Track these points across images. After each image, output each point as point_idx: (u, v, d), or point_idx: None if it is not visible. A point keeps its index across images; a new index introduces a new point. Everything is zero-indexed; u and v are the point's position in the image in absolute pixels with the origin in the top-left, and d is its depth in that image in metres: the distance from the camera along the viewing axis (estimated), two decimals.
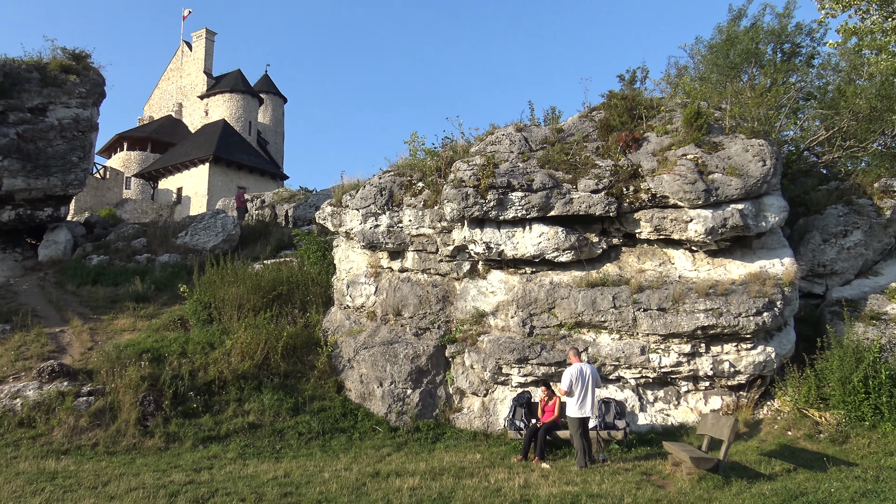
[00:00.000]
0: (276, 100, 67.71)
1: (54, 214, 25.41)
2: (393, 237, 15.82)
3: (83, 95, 25.97)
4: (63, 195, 25.45)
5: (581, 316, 13.28)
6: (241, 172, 53.86)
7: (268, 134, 65.70)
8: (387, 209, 16.05)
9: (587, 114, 16.36)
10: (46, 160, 24.50)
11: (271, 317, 16.22)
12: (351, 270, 16.97)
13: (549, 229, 13.95)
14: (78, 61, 26.65)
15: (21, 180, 23.72)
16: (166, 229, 27.46)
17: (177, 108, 64.35)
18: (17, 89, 24.43)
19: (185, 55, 65.30)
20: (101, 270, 23.20)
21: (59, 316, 18.85)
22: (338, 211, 17.08)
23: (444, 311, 15.00)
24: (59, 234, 25.95)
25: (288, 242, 25.71)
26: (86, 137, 25.99)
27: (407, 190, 16.18)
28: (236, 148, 54.77)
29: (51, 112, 25.11)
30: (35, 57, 25.88)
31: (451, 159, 15.81)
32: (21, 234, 26.29)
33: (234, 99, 60.28)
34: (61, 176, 24.74)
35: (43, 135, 24.54)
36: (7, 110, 23.80)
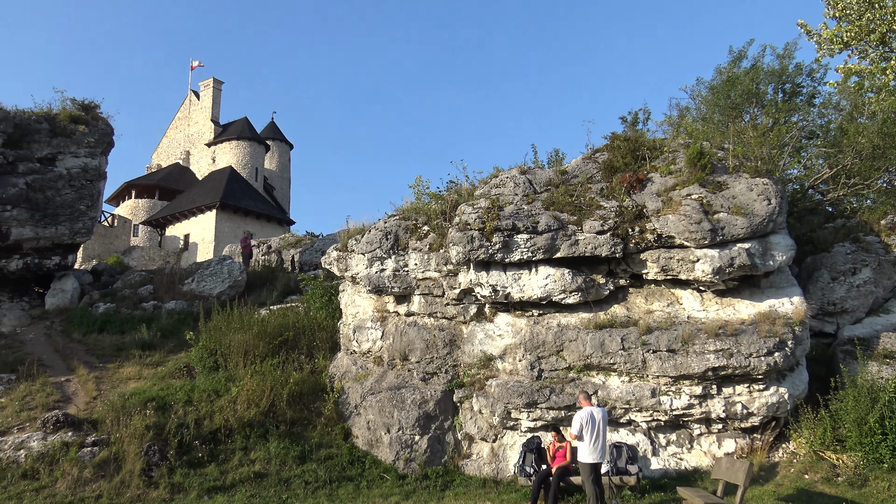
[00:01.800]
0: (282, 146, 68.46)
1: (62, 263, 25.49)
2: (399, 281, 15.77)
3: (92, 145, 26.29)
4: (71, 244, 25.57)
5: (590, 358, 13.13)
6: (248, 218, 54.19)
7: (274, 180, 66.27)
8: (392, 253, 16.04)
9: (590, 155, 16.44)
10: (55, 209, 24.68)
11: (277, 363, 16.10)
12: (357, 315, 16.89)
13: (555, 271, 13.89)
14: (87, 111, 27.05)
15: (29, 229, 23.87)
16: (173, 276, 27.48)
17: (184, 156, 65.11)
18: (27, 140, 24.75)
19: (193, 104, 66.32)
20: (108, 318, 23.16)
21: (64, 365, 18.75)
22: (343, 255, 17.08)
23: (451, 355, 14.86)
24: (67, 283, 26.00)
25: (294, 287, 25.68)
26: (94, 186, 26.23)
27: (412, 234, 16.19)
28: (243, 194, 55.21)
29: (60, 162, 25.38)
30: (45, 108, 26.28)
31: (455, 203, 15.85)
32: (28, 283, 26.35)
33: (241, 146, 61.01)
34: (69, 224, 24.89)
35: (51, 184, 24.77)
36: (17, 161, 24.08)
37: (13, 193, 23.27)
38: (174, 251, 52.83)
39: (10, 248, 23.93)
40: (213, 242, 50.84)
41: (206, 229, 52.36)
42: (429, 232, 15.96)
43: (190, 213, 53.76)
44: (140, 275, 28.22)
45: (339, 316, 18.06)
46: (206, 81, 65.76)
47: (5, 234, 23.38)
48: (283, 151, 68.52)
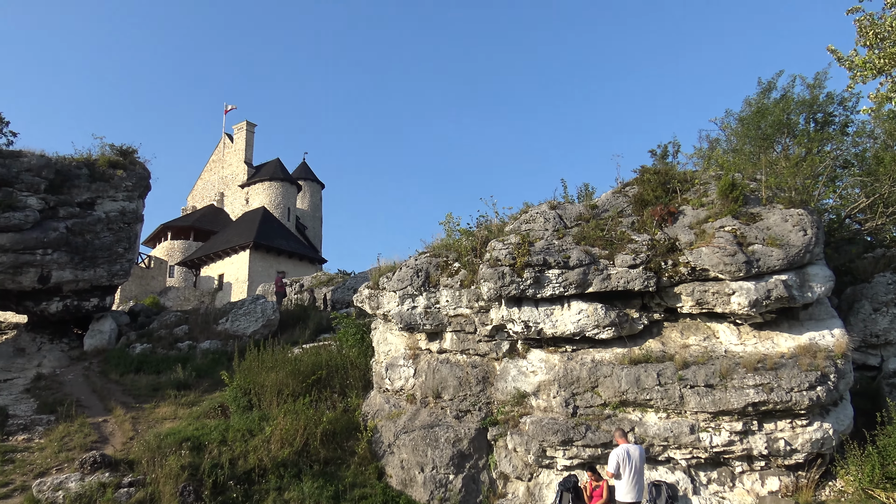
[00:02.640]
0: (313, 186, 69.42)
1: (100, 304, 25.97)
2: (430, 318, 15.76)
3: (129, 189, 26.95)
4: (109, 285, 26.08)
5: (625, 394, 12.92)
6: (281, 258, 54.79)
7: (306, 219, 67.11)
8: (423, 290, 16.07)
9: (620, 189, 16.39)
10: (94, 252, 25.25)
11: (311, 402, 16.11)
12: (389, 353, 16.88)
13: (587, 306, 13.78)
14: (125, 156, 27.80)
15: (69, 272, 24.41)
16: (207, 316, 27.82)
17: (218, 198, 66.32)
18: (68, 185, 25.47)
19: (227, 147, 67.76)
20: (144, 359, 23.46)
21: (102, 405, 18.99)
22: (375, 293, 17.15)
23: (484, 392, 14.74)
24: (105, 324, 26.44)
25: (327, 326, 25.80)
26: (131, 229, 26.82)
27: (443, 271, 16.22)
28: (275, 234, 55.93)
29: (98, 206, 26.04)
30: (84, 154, 27.07)
31: (486, 239, 15.88)
32: (68, 325, 26.86)
33: (274, 187, 62.02)
34: (107, 267, 25.42)
35: (90, 228, 25.38)
36: (58, 205, 24.76)
37: (54, 237, 23.87)
38: (209, 291, 53.53)
39: (50, 290, 24.48)
40: (246, 282, 51.44)
41: (239, 269, 53.03)
42: (459, 268, 15.98)
43: (224, 254, 54.54)
44: (175, 315, 28.61)
45: (372, 354, 18.07)
46: (239, 124, 67.23)
47: (46, 276, 23.94)
48: (314, 191, 69.46)
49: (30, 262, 23.47)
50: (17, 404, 18.88)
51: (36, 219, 23.66)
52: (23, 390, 20.49)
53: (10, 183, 23.66)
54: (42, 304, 24.83)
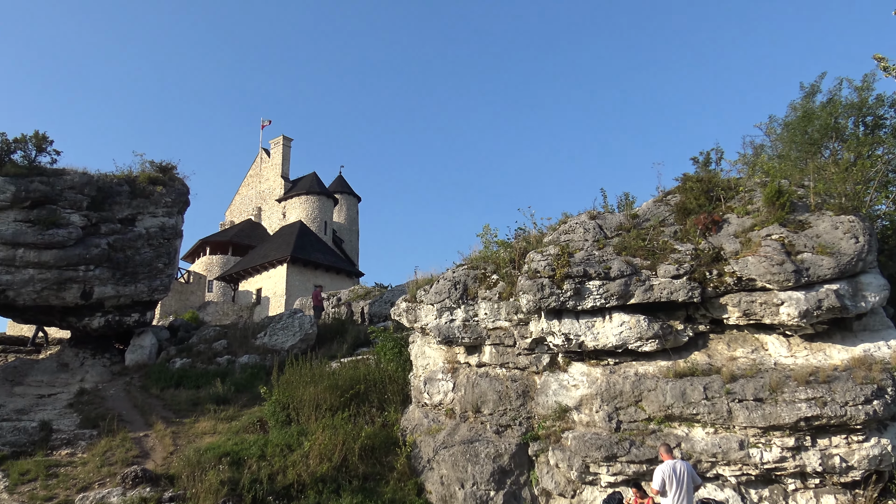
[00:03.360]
0: (350, 199, 69.97)
1: (141, 319, 26.46)
2: (469, 331, 15.69)
3: (169, 205, 27.48)
4: (149, 300, 26.57)
5: (671, 408, 12.66)
6: (318, 271, 55.24)
7: (343, 232, 67.65)
8: (461, 303, 16.01)
9: (662, 198, 16.16)
10: (134, 267, 25.77)
11: (349, 416, 16.13)
12: (427, 367, 16.84)
13: (630, 318, 13.57)
14: (164, 173, 28.39)
15: (111, 288, 24.94)
16: (246, 330, 28.14)
17: (256, 212, 67.29)
18: (109, 202, 26.08)
19: (264, 161, 68.79)
20: (184, 373, 23.80)
21: (143, 420, 19.28)
22: (412, 306, 17.14)
23: (524, 406, 14.59)
24: (145, 339, 26.90)
25: (364, 340, 25.88)
26: (171, 244, 27.32)
27: (481, 283, 16.15)
28: (312, 248, 56.45)
29: (139, 222, 26.60)
30: (125, 170, 27.73)
31: (524, 250, 15.78)
32: (109, 340, 27.41)
33: (310, 200, 62.68)
34: (148, 282, 25.91)
35: (131, 244, 25.92)
36: (99, 222, 25.35)
37: (96, 254, 24.43)
38: (247, 305, 54.19)
39: (92, 306, 25.03)
40: (284, 296, 51.96)
41: (277, 283, 53.60)
42: (498, 281, 15.89)
43: (262, 268, 55.19)
44: (214, 330, 28.99)
45: (410, 368, 18.05)
46: (275, 139, 68.23)
47: (89, 292, 24.50)
48: (351, 204, 70.01)
49: (73, 278, 24.06)
50: (61, 419, 19.29)
51: (78, 235, 24.25)
52: (66, 405, 20.93)
53: (53, 200, 24.33)
54: (84, 320, 25.39)
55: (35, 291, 23.59)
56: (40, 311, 25.03)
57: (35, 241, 23.35)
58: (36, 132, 25.57)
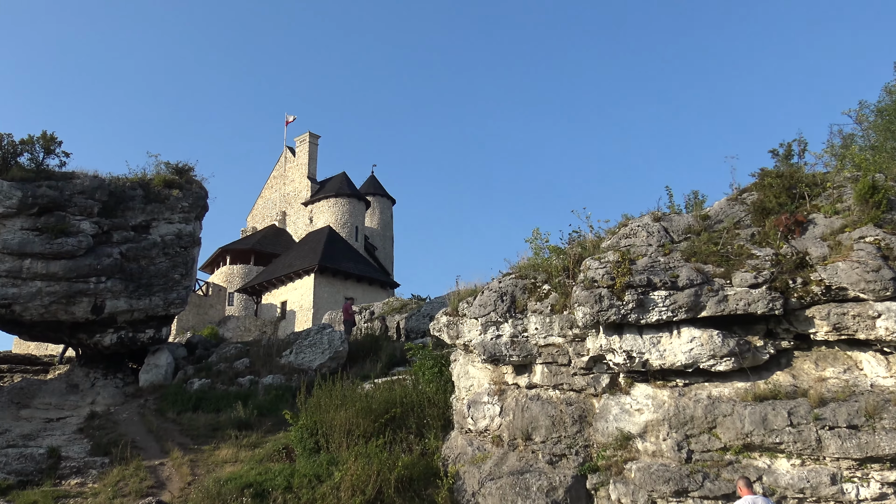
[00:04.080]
0: (383, 202, 70.45)
1: (156, 336, 26.95)
2: (517, 348, 15.59)
3: (186, 210, 27.98)
4: (165, 315, 27.05)
5: (750, 437, 12.38)
6: (348, 282, 55.64)
7: (376, 239, 68.06)
8: (509, 317, 15.93)
9: (736, 196, 15.88)
10: (149, 279, 26.28)
11: (384, 444, 16.14)
12: (471, 388, 16.78)
13: (701, 333, 13.33)
14: (181, 175, 28.93)
15: (124, 301, 25.46)
16: (270, 348, 28.45)
17: (280, 217, 68.14)
18: (122, 207, 26.68)
19: (289, 161, 69.60)
20: (203, 395, 24.14)
21: (158, 447, 19.60)
22: (454, 321, 17.11)
23: (581, 433, 14.43)
24: (161, 358, 27.39)
25: (400, 358, 25.94)
26: (188, 253, 27.80)
27: (531, 294, 16.05)
28: (342, 256, 56.90)
29: (153, 229, 27.14)
30: (139, 173, 28.34)
31: (579, 257, 15.64)
32: (122, 359, 27.97)
33: (340, 203, 63.25)
34: (163, 295, 26.39)
35: (145, 253, 26.45)
36: (111, 230, 25.93)
37: (108, 264, 24.97)
38: (271, 320, 54.85)
39: (104, 321, 25.57)
40: (311, 310, 52.48)
41: (303, 296, 54.16)
42: (550, 291, 15.78)
43: (287, 279, 55.81)
44: (235, 347, 29.38)
45: (451, 390, 18.01)
46: (301, 136, 68.98)
47: (100, 306, 25.04)
48: (384, 207, 70.47)
49: (83, 290, 24.62)
50: (71, 445, 19.71)
51: (89, 244, 24.81)
52: (76, 430, 21.40)
53: (62, 206, 24.93)
54: (96, 337, 25.96)
55: (43, 306, 24.19)
56: (48, 328, 25.66)
57: (43, 251, 23.95)
58: (44, 133, 26.29)
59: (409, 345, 22.78)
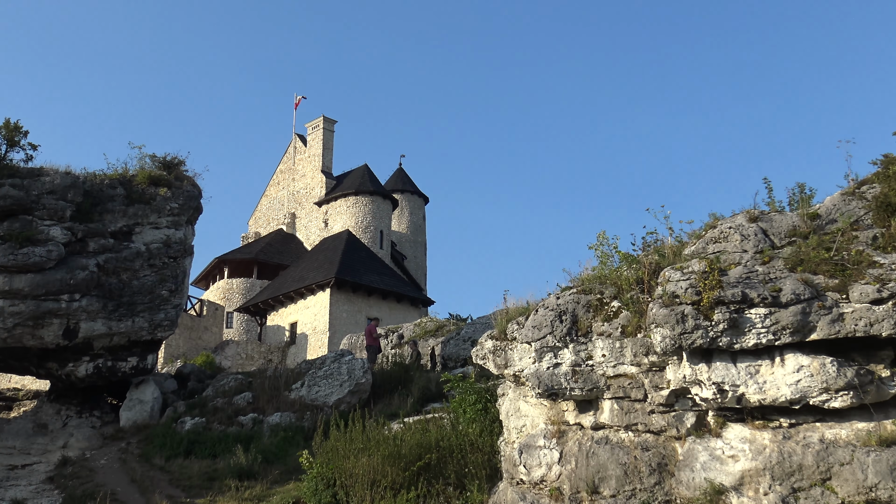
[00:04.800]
0: (414, 200, 70.69)
1: (139, 365, 27.32)
2: (580, 380, 15.52)
3: (175, 212, 28.37)
4: (151, 340, 27.42)
5: (875, 490, 12.19)
6: (372, 299, 55.86)
7: (405, 245, 68.34)
8: (570, 340, 15.87)
9: (853, 190, 15.67)
10: (131, 296, 26.65)
11: (417, 497, 16.17)
12: (524, 429, 16.75)
13: (810, 360, 13.16)
14: (169, 170, 29.34)
15: (101, 323, 25.84)
16: (277, 380, 28.67)
17: (289, 220, 68.70)
18: (99, 210, 27.09)
19: (299, 152, 70.10)
20: (196, 438, 24.39)
21: (143, 500, 19.82)
22: (502, 346, 17.09)
23: (660, 485, 14.32)
24: (146, 392, 27.76)
25: (436, 392, 25.97)
26: (178, 265, 28.16)
27: (597, 312, 15.99)
28: (364, 267, 57.11)
29: (137, 235, 27.54)
30: (119, 168, 28.76)
31: (657, 266, 15.54)
32: (100, 393, 28.39)
33: (360, 203, 63.56)
34: (149, 315, 26.76)
35: (127, 264, 26.85)
36: (87, 237, 26.31)
37: (82, 278, 25.35)
38: (278, 346, 55.32)
39: (78, 348, 25.96)
40: (326, 333, 52.78)
41: (317, 316, 54.49)
42: (620, 309, 15.70)
43: (297, 295, 56.19)
44: (235, 379, 29.67)
45: (499, 431, 17.99)
46: (314, 122, 69.37)
47: (73, 329, 25.43)
48: (415, 207, 70.72)
49: (53, 310, 25.00)
50: (38, 498, 20.03)
51: (60, 254, 25.20)
52: (45, 479, 21.73)
53: (29, 209, 25.33)
54: (68, 366, 26.38)
55: (5, 329, 24.60)
56: (11, 355, 26.12)
57: (5, 264, 24.35)
58: (7, 121, 26.78)
59: (446, 375, 22.78)
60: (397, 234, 68.22)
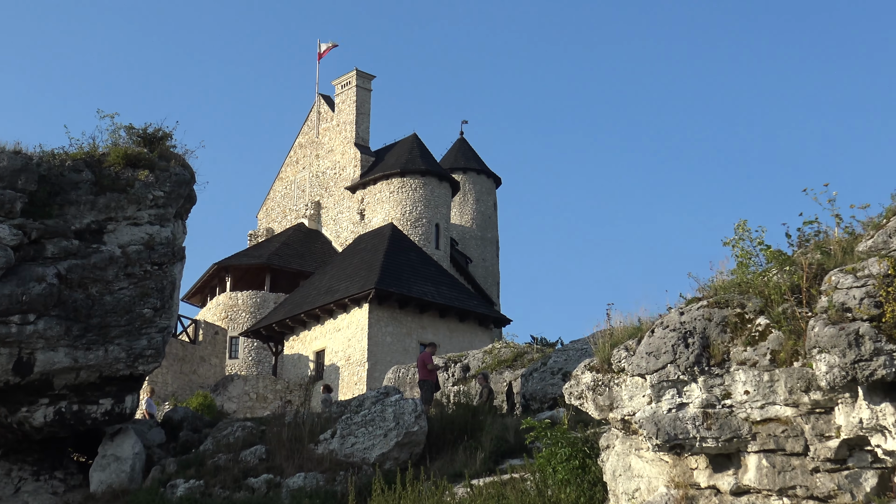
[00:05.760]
0: (481, 182, 70.52)
1: (115, 410, 27.52)
2: (715, 426, 15.42)
3: (160, 203, 28.48)
4: (129, 375, 27.57)
5: None
6: (426, 317, 55.72)
7: (470, 244, 68.21)
8: (699, 372, 15.77)
9: None
10: (103, 316, 26.80)
11: None
12: (637, 495, 16.69)
13: None
14: (151, 146, 29.35)
15: (64, 353, 26.03)
16: (299, 428, 28.73)
17: (312, 212, 68.84)
18: (59, 201, 27.25)
19: (324, 119, 70.13)
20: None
21: None
22: (605, 380, 17.04)
23: None
24: (124, 445, 27.97)
25: (515, 443, 25.91)
26: (165, 273, 28.32)
27: (736, 333, 15.84)
28: (414, 273, 57.00)
29: (110, 235, 27.70)
30: (86, 145, 28.77)
31: (819, 268, 15.37)
32: (63, 447, 28.70)
33: (409, 187, 63.45)
34: (126, 342, 26.93)
35: (98, 274, 27.01)
36: (44, 238, 26.49)
37: (38, 293, 25.60)
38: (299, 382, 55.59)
39: (34, 387, 26.16)
40: (365, 364, 52.83)
41: (352, 341, 54.52)
42: (768, 328, 15.55)
43: (324, 314, 56.19)
44: (243, 428, 29.83)
45: (602, 497, 17.95)
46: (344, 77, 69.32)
47: (27, 362, 25.62)
48: (483, 192, 70.55)
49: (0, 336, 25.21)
50: None
51: (9, 262, 25.43)
52: None
53: None
54: (21, 412, 26.63)
55: None
56: None
57: None
58: None
59: (528, 422, 22.70)
60: (459, 228, 68.14)
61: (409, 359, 45.87)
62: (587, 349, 28.14)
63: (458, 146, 71.49)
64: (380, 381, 45.19)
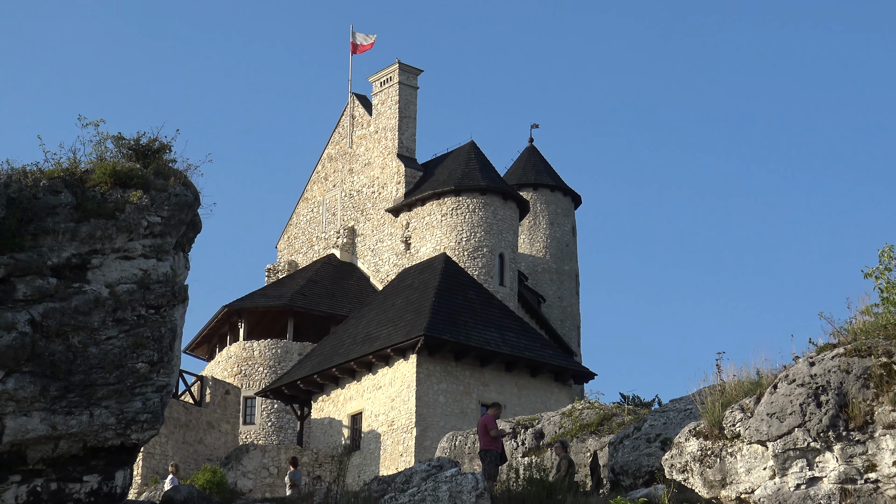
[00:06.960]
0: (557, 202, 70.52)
1: (102, 489, 27.70)
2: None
3: (157, 231, 28.67)
4: (121, 445, 27.78)
5: None
6: (488, 371, 55.65)
7: (543, 278, 68.18)
8: (835, 438, 15.68)
9: None
10: (88, 372, 27.01)
11: None
12: None
13: None
14: (146, 160, 29.49)
15: (39, 419, 26.27)
16: None
17: (344, 240, 69.06)
18: (33, 230, 27.50)
19: (359, 124, 70.41)
20: None
21: None
22: (715, 449, 16.99)
23: None
24: None
25: None
26: (164, 319, 28.50)
27: (881, 388, 15.74)
28: (473, 316, 56.93)
29: (94, 271, 27.91)
30: (65, 161, 28.99)
31: None
32: None
33: (465, 208, 63.52)
34: (116, 405, 27.11)
35: (80, 320, 27.23)
36: (13, 275, 26.73)
37: (7, 344, 25.79)
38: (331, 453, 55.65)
39: (2, 461, 26.32)
40: (413, 430, 52.82)
41: (396, 401, 54.57)
42: None
43: (362, 368, 56.26)
44: None
45: None
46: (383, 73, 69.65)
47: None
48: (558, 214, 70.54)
49: None
50: None
51: None
52: None
53: None
54: None
55: None
56: None
57: None
58: None
59: (618, 501, 22.63)
60: (529, 259, 68.11)
61: (468, 423, 45.83)
62: (692, 410, 28.04)
63: (526, 156, 71.51)
64: (431, 452, 45.17)
